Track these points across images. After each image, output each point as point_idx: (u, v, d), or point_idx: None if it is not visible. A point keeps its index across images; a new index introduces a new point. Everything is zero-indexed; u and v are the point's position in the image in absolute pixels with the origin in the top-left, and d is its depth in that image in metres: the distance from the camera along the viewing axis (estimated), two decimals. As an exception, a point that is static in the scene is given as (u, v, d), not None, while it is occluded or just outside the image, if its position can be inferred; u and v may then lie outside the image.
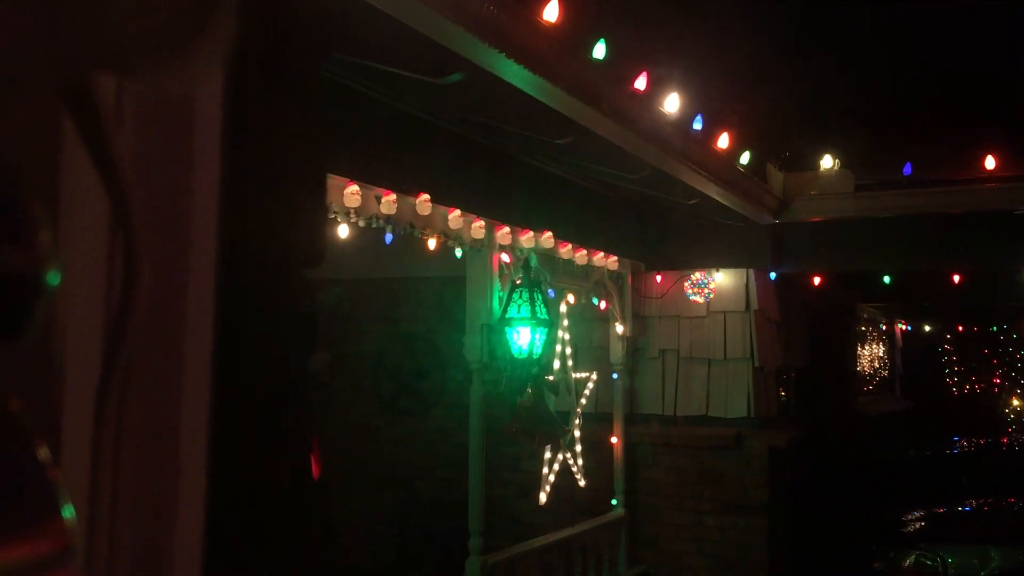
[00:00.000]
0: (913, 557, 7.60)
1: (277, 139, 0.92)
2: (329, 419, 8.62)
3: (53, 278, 0.51)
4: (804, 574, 8.34)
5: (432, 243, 5.45)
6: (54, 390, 0.63)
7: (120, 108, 0.66)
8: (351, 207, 4.63)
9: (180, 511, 0.73)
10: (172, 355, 0.73)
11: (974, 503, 8.74)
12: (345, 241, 5.38)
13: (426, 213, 5.12)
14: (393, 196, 4.88)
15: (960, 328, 18.23)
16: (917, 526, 8.35)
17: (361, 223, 4.82)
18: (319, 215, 1.08)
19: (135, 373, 0.68)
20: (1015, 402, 17.96)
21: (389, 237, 5.27)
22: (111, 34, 0.50)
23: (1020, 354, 18.02)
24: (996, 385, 18.20)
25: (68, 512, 0.52)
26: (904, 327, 17.48)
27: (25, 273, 0.49)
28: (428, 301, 8.59)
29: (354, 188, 4.61)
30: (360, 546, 8.52)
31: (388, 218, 4.95)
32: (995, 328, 17.92)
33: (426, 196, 5.03)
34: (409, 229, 5.16)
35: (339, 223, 4.82)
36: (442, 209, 5.32)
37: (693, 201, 6.72)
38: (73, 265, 0.64)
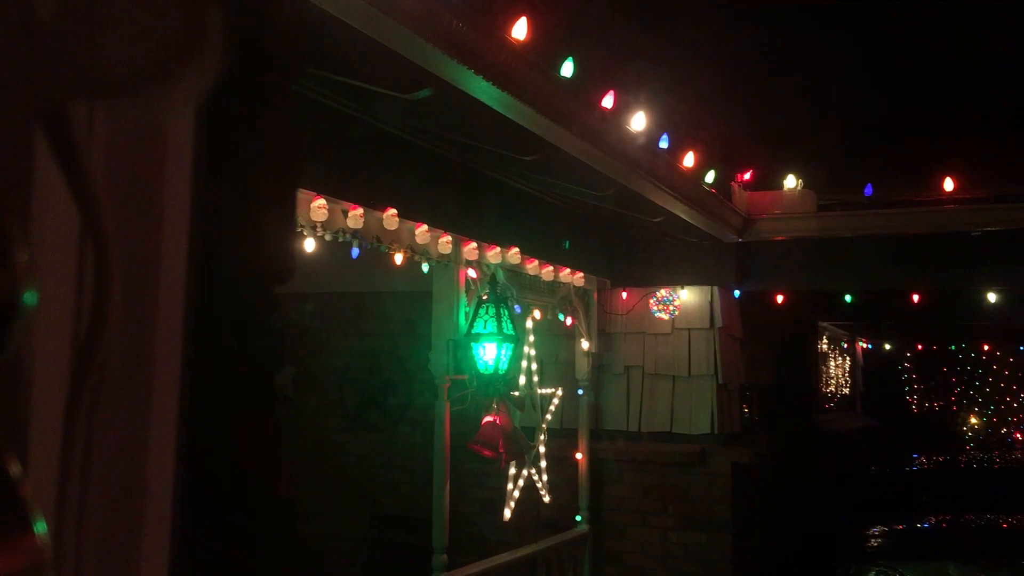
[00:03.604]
0: (873, 573, 7.68)
1: (249, 156, 0.92)
2: (294, 434, 8.56)
3: (30, 298, 0.51)
4: (766, 590, 8.39)
5: (399, 258, 5.44)
6: (24, 406, 0.63)
7: (92, 125, 0.66)
8: (317, 221, 4.62)
9: (147, 527, 0.73)
10: (142, 371, 0.73)
11: (933, 520, 8.86)
12: (311, 255, 5.37)
13: (393, 228, 5.12)
14: (360, 210, 4.87)
15: (920, 347, 18.49)
16: (877, 543, 8.44)
17: (327, 237, 4.81)
18: (288, 231, 1.08)
19: (104, 389, 0.68)
20: (973, 420, 18.23)
21: (356, 251, 5.26)
22: (104, 67, 0.51)
23: (978, 372, 18.31)
24: (955, 403, 18.47)
25: (40, 528, 0.52)
26: (865, 345, 17.70)
27: (3, 294, 0.49)
28: (394, 316, 8.57)
29: (321, 202, 4.59)
30: (325, 562, 8.45)
31: (355, 232, 4.94)
32: (954, 347, 18.19)
33: (393, 211, 5.03)
34: (376, 243, 5.15)
35: (305, 237, 4.80)
36: (409, 224, 5.32)
37: (659, 219, 6.77)
38: (42, 281, 0.64)
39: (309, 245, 5.09)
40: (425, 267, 5.82)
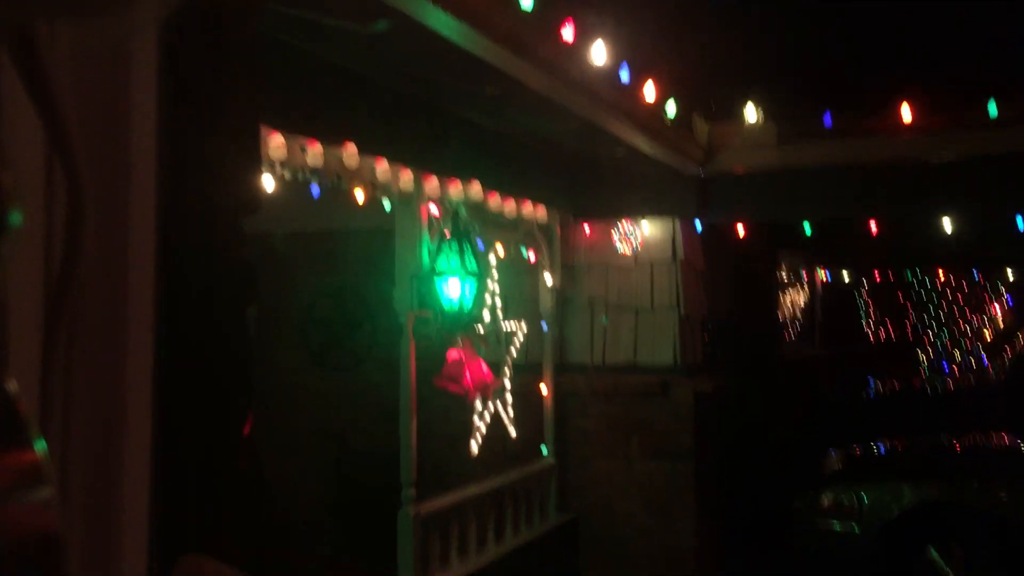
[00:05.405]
0: (831, 495, 7.89)
1: (214, 90, 0.90)
2: (257, 374, 8.54)
3: (15, 218, 0.50)
4: (729, 516, 8.61)
5: (360, 195, 5.40)
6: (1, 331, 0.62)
7: (54, 51, 0.64)
8: (276, 159, 4.56)
9: (127, 455, 0.73)
10: (116, 305, 0.72)
11: (888, 443, 9.10)
12: (272, 194, 5.30)
13: (353, 165, 5.06)
14: (319, 147, 4.81)
15: (877, 276, 18.77)
16: (835, 466, 8.66)
17: (287, 175, 4.75)
18: (253, 163, 1.07)
19: (81, 320, 0.67)
20: (928, 345, 18.63)
21: (316, 189, 5.21)
22: None
23: (933, 299, 18.66)
24: (910, 330, 18.85)
25: (40, 444, 0.52)
26: (824, 275, 17.92)
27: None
28: (358, 255, 8.52)
29: (279, 139, 4.53)
30: (292, 501, 8.51)
31: (314, 170, 4.88)
32: (910, 275, 18.50)
33: (353, 147, 4.97)
34: (336, 181, 5.10)
35: (264, 174, 4.74)
36: (370, 161, 5.27)
37: (621, 152, 6.76)
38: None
39: (269, 184, 5.03)
40: (387, 204, 5.78)
